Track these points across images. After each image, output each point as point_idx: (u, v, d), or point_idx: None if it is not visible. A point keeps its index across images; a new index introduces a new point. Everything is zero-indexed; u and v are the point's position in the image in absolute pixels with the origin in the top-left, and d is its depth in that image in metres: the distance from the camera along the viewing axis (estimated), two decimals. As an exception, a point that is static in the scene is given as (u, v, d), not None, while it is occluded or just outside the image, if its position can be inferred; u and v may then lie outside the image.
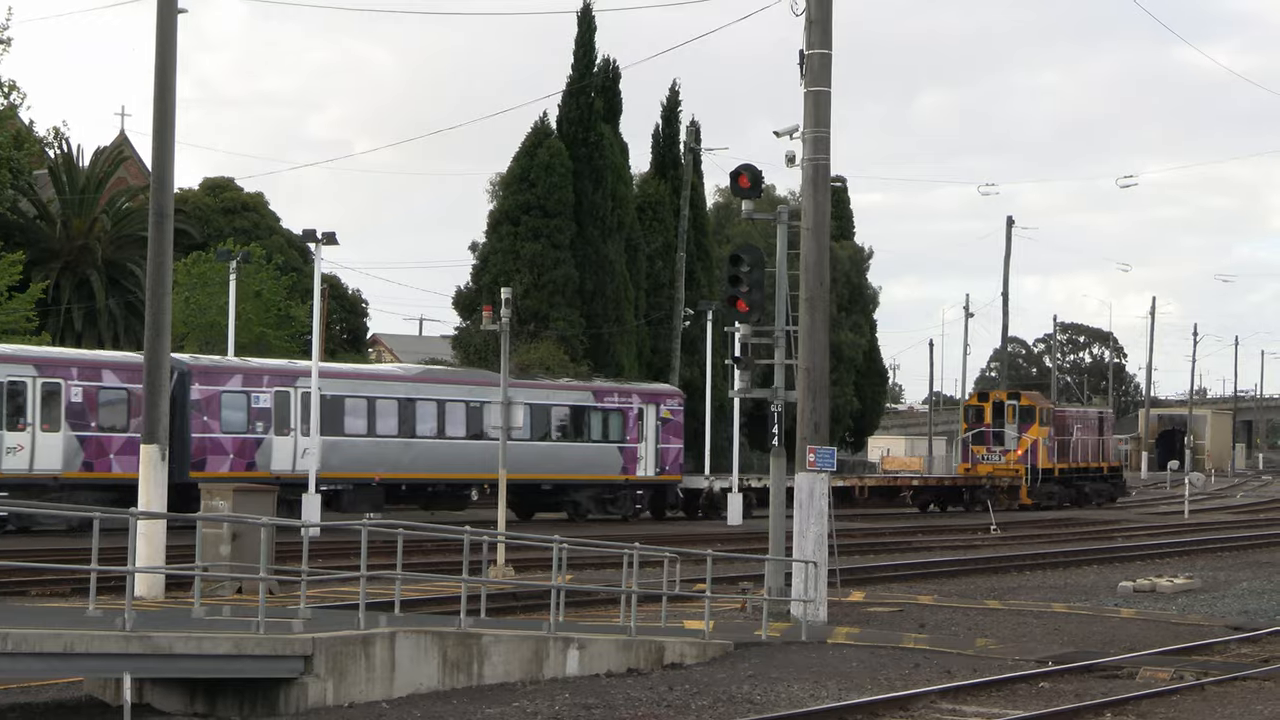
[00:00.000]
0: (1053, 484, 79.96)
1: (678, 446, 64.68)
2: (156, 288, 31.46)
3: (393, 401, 56.10)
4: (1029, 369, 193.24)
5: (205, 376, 52.06)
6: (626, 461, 62.55)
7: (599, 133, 79.65)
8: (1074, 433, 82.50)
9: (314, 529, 30.05)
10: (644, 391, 65.02)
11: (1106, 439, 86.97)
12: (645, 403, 63.52)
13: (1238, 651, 26.97)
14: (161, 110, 31.64)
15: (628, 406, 62.93)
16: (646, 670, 23.34)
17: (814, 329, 30.01)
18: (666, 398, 65.08)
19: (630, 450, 62.61)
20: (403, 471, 55.87)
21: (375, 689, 19.62)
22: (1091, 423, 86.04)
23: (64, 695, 19.84)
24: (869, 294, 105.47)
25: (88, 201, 79.05)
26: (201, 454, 51.47)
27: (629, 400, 63.17)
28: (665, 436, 63.78)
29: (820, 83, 29.92)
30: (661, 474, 63.68)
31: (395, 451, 55.25)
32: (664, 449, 63.74)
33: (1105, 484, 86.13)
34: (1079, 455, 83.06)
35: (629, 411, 62.87)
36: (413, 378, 58.74)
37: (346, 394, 55.12)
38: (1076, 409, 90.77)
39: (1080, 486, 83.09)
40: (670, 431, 64.06)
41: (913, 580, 39.81)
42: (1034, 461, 78.31)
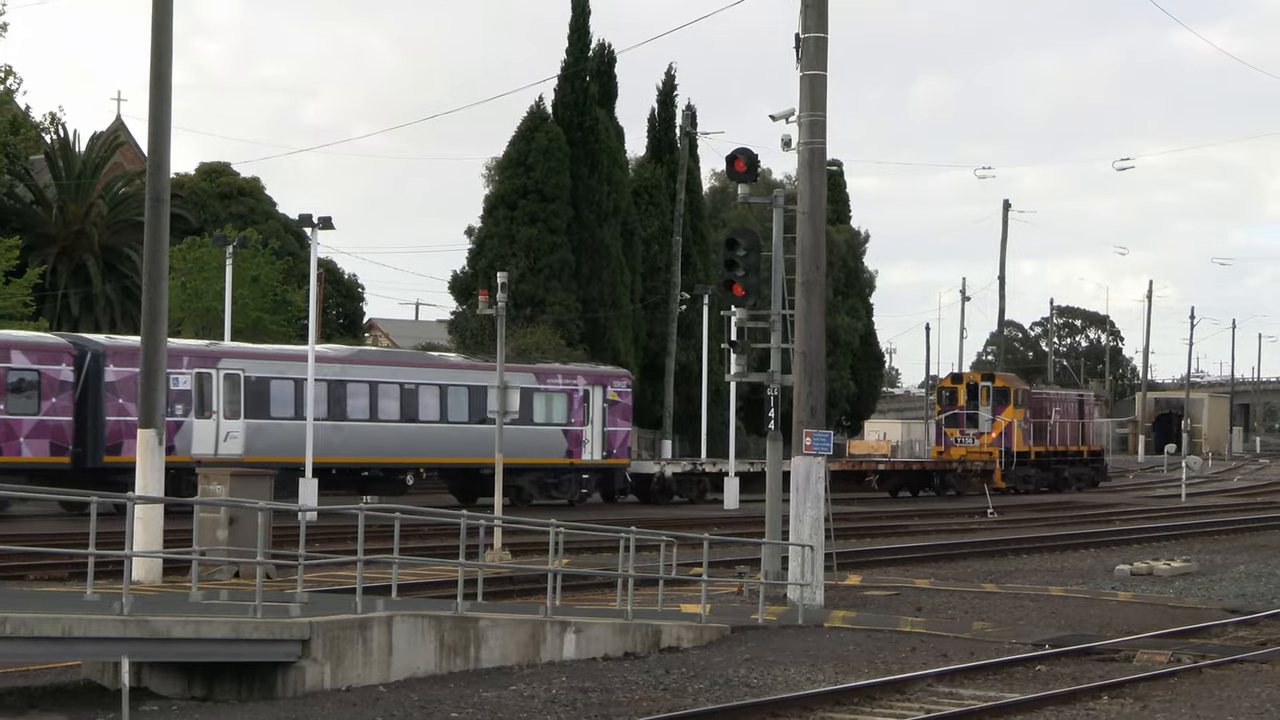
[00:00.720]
0: (1029, 467, 78.54)
1: (626, 429, 63.24)
2: (153, 272, 31.44)
3: (322, 383, 53.98)
4: (1025, 353, 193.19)
5: (120, 357, 49.81)
6: (571, 445, 60.93)
7: (594, 117, 79.65)
8: (1052, 415, 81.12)
9: (311, 514, 30.06)
10: (590, 373, 63.39)
11: (1088, 422, 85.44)
12: (591, 384, 61.98)
13: (1235, 634, 27.00)
14: (158, 95, 31.59)
15: (572, 388, 61.31)
16: (643, 654, 23.37)
17: (810, 313, 30.01)
18: (614, 379, 63.45)
19: (575, 433, 61.02)
20: (333, 456, 53.81)
21: (373, 672, 19.64)
22: (1071, 406, 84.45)
23: (62, 679, 19.85)
24: (865, 278, 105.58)
25: (84, 186, 79.01)
26: (117, 438, 49.24)
27: (574, 382, 61.55)
28: (612, 419, 62.22)
29: (816, 66, 29.90)
30: (609, 457, 62.06)
31: (324, 435, 53.03)
32: (611, 432, 62.17)
33: (1086, 468, 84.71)
34: (1058, 438, 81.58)
35: (574, 394, 61.24)
36: (344, 359, 57.04)
37: (273, 375, 53.66)
38: (1056, 391, 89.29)
39: (1059, 470, 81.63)
40: (618, 414, 62.59)
41: (909, 564, 39.85)
42: (1008, 444, 76.88)
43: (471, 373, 58.70)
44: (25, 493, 24.82)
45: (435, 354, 61.81)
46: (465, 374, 58.77)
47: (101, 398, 49.79)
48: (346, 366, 55.96)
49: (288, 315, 73.44)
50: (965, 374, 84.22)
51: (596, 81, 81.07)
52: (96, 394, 49.68)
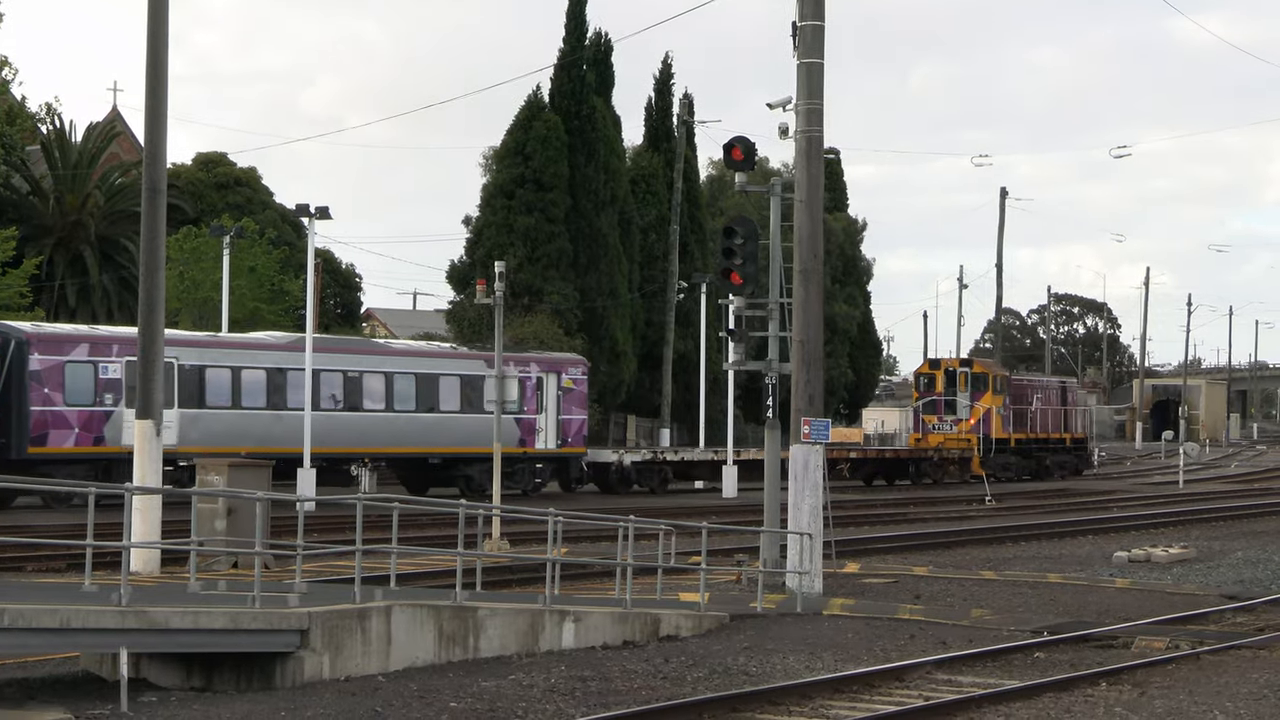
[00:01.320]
0: (1008, 455, 77.33)
1: (581, 417, 61.71)
2: (150, 263, 31.43)
3: (260, 371, 52.97)
4: (1023, 340, 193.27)
5: (45, 345, 49.02)
6: (524, 433, 59.27)
7: (591, 106, 79.63)
8: (1033, 402, 79.82)
9: (309, 504, 30.07)
10: (543, 360, 61.80)
11: (1071, 409, 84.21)
12: (545, 371, 60.47)
13: (1233, 621, 27.02)
14: (154, 85, 31.57)
15: (525, 375, 59.57)
16: (642, 642, 23.37)
17: (808, 301, 30.00)
18: (569, 366, 61.93)
19: (528, 422, 59.46)
20: (273, 446, 51.04)
21: (372, 662, 19.64)
22: (1053, 392, 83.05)
23: (61, 671, 19.85)
24: (863, 266, 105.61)
25: (80, 177, 78.95)
26: (42, 428, 48.51)
27: (526, 369, 59.82)
28: (567, 407, 60.61)
29: (813, 54, 29.87)
30: (563, 446, 60.51)
31: (264, 425, 51.98)
32: (566, 420, 60.57)
33: (1069, 456, 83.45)
34: (1039, 425, 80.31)
35: (526, 381, 59.52)
36: (284, 346, 54.67)
37: (209, 364, 52.13)
38: (1037, 378, 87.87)
39: (1040, 458, 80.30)
40: (573, 401, 61.01)
41: (908, 551, 39.85)
42: (986, 431, 75.50)
43: (419, 360, 57.51)
44: (22, 484, 24.82)
45: (380, 341, 60.16)
46: (412, 361, 57.36)
47: (25, 387, 48.53)
48: (287, 354, 53.84)
49: (285, 305, 73.43)
50: (943, 360, 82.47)
51: (594, 70, 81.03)
52: (19, 384, 48.49)
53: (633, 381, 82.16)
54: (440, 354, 59.16)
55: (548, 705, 18.27)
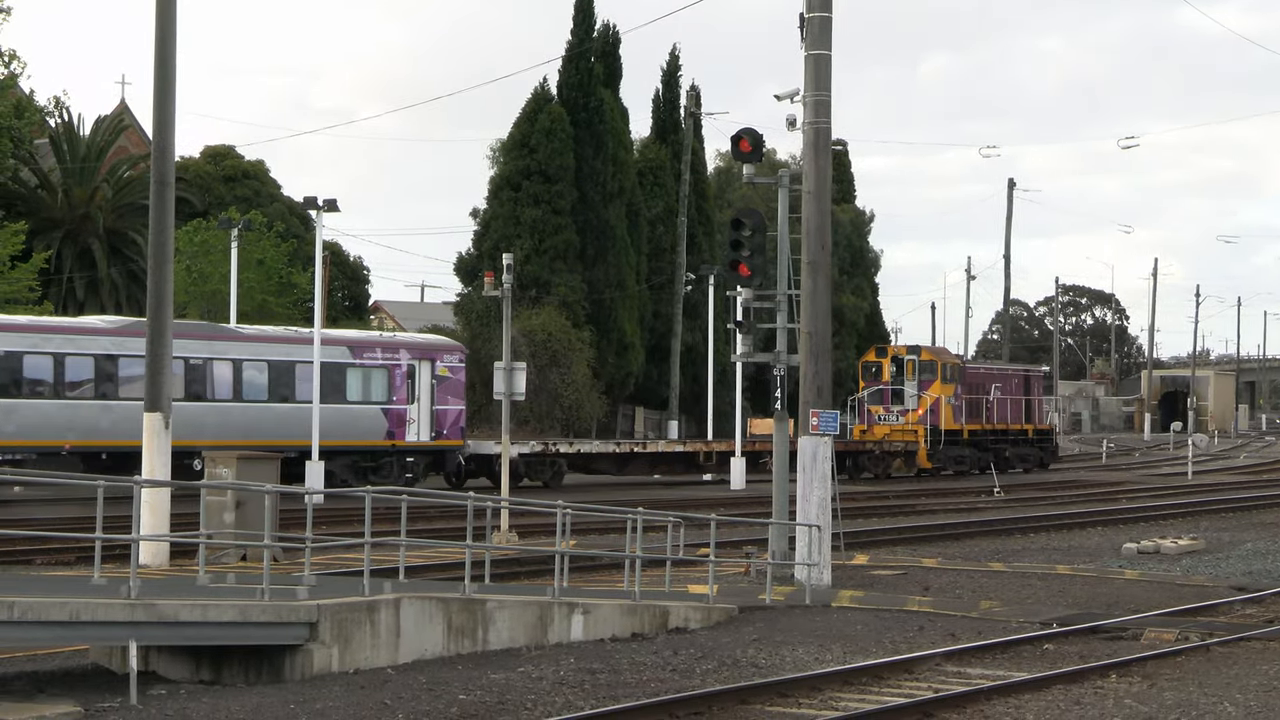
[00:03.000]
0: (960, 447, 73.12)
1: (458, 408, 57.72)
2: (158, 256, 31.43)
3: (88, 358, 49.44)
4: (1031, 331, 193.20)
5: None
6: (392, 425, 55.64)
7: (599, 98, 79.63)
8: (991, 392, 75.44)
9: (317, 496, 30.06)
10: (415, 345, 58.11)
11: (1035, 399, 79.71)
12: (417, 359, 56.77)
13: (1242, 612, 27.00)
14: (162, 78, 31.55)
15: (394, 363, 55.97)
16: (651, 635, 23.37)
17: (816, 293, 29.98)
18: (444, 353, 58.21)
19: (397, 412, 55.89)
20: (102, 439, 48.77)
21: (380, 655, 19.64)
22: (1015, 382, 78.70)
23: (70, 664, 19.87)
24: (870, 257, 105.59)
25: (89, 170, 79.08)
26: None
27: (395, 356, 56.18)
28: (442, 396, 56.96)
29: (821, 46, 29.85)
30: (438, 438, 56.79)
31: (91, 415, 48.69)
32: (441, 411, 56.87)
33: (1031, 448, 79.13)
34: (997, 416, 76.02)
35: (395, 369, 55.94)
36: (115, 331, 50.98)
37: (26, 350, 48.63)
38: (996, 366, 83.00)
39: (998, 450, 74.83)
40: (448, 391, 57.28)
41: (916, 543, 39.84)
42: (935, 422, 71.12)
43: (272, 346, 53.88)
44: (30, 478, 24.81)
45: (229, 326, 56.36)
46: (264, 347, 53.56)
47: None
48: (118, 339, 50.17)
49: (293, 298, 73.51)
50: (890, 347, 77.84)
51: (601, 62, 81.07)
52: None
53: (640, 373, 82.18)
54: (297, 339, 55.01)
55: (557, 697, 18.27)
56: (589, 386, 76.87)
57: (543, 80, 79.86)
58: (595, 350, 77.66)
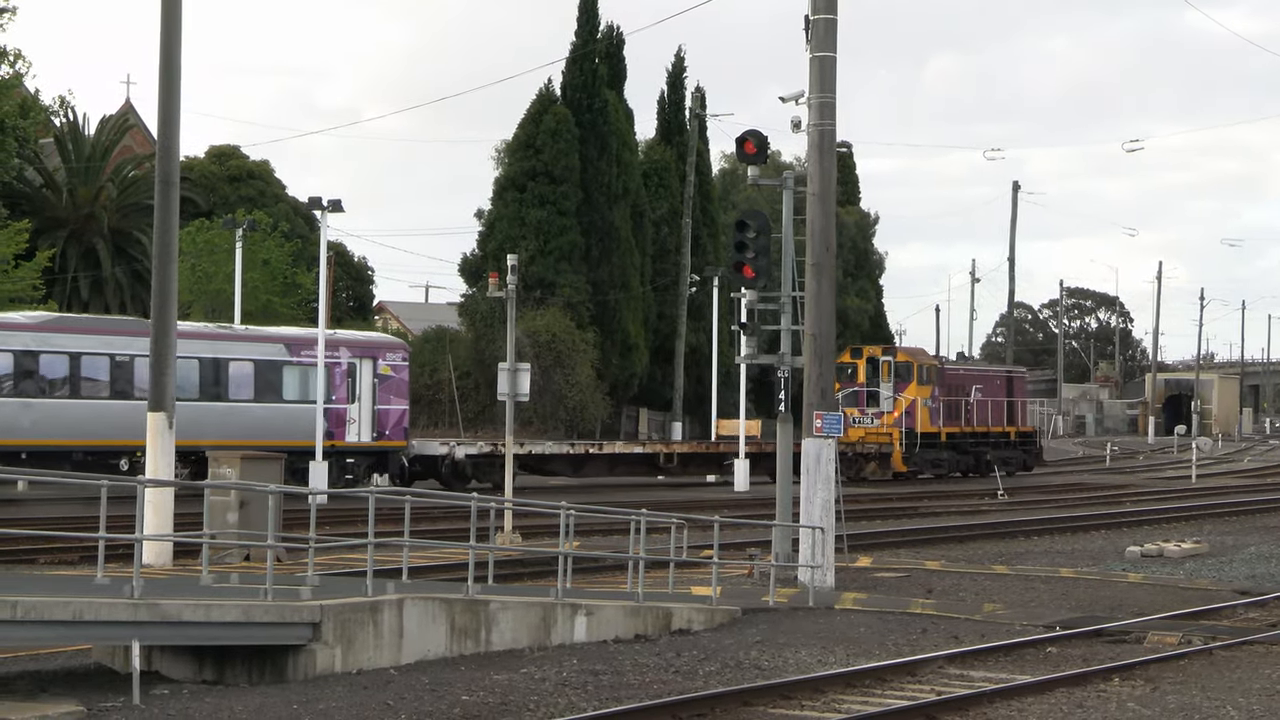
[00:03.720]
0: (938, 450, 71.23)
1: (401, 407, 55.79)
2: (163, 255, 31.44)
3: (7, 355, 47.80)
4: (1035, 334, 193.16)
5: None
6: (331, 425, 52.88)
7: (604, 99, 79.68)
8: (971, 393, 73.36)
9: (321, 497, 30.12)
10: (356, 343, 56.01)
11: (1018, 401, 77.72)
12: (358, 357, 54.70)
13: (1245, 616, 26.99)
14: (167, 78, 31.56)
15: (333, 361, 53.35)
16: (654, 636, 23.36)
17: (820, 294, 29.98)
18: (386, 351, 56.19)
19: (337, 412, 53.62)
20: (22, 438, 47.02)
21: (384, 656, 19.64)
22: (997, 383, 76.56)
23: (73, 663, 19.87)
24: (875, 259, 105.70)
25: (93, 170, 79.15)
26: None
27: (334, 354, 53.62)
28: (384, 396, 55.00)
29: (826, 48, 29.84)
30: (380, 439, 54.74)
31: (10, 414, 47.02)
32: (383, 410, 54.88)
33: (1014, 451, 76.71)
34: (977, 418, 73.84)
35: (335, 367, 53.59)
36: (36, 326, 49.43)
37: None
38: (977, 368, 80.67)
39: (979, 453, 73.45)
40: (391, 390, 55.29)
41: (920, 545, 39.82)
42: (910, 424, 69.12)
43: (203, 343, 51.48)
44: (35, 476, 24.81)
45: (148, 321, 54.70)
46: (194, 344, 50.39)
47: None
48: (40, 335, 48.74)
49: (298, 298, 73.59)
50: (865, 348, 75.34)
51: (606, 63, 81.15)
52: None
53: (645, 375, 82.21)
54: (230, 336, 53.29)
55: (560, 699, 18.27)
56: (593, 388, 76.90)
57: (547, 81, 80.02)
58: (599, 351, 77.69)
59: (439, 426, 77.89)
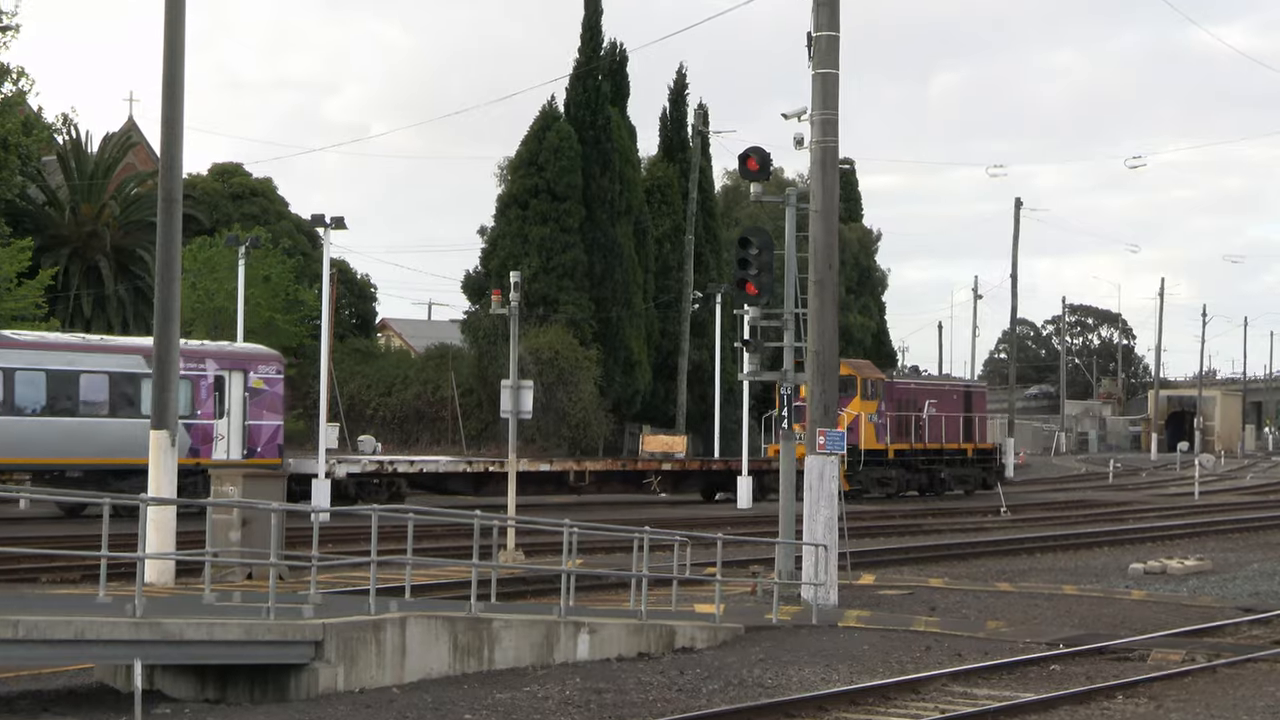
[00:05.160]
0: (885, 468, 67.63)
1: (275, 423, 52.56)
2: (166, 273, 31.43)
3: None
4: (1038, 350, 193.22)
5: None
6: (197, 442, 49.95)
7: (607, 116, 79.69)
8: (923, 408, 69.78)
9: (324, 515, 30.02)
10: (224, 354, 52.48)
11: (975, 417, 74.19)
12: (226, 369, 51.41)
13: (1249, 633, 26.96)
14: (170, 95, 31.57)
15: (198, 373, 50.15)
16: (657, 654, 23.33)
17: (823, 311, 29.98)
18: (258, 363, 52.62)
19: (203, 428, 50.44)
20: None
21: (386, 674, 19.61)
22: (953, 398, 73.22)
23: (75, 683, 19.85)
24: (877, 276, 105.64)
25: (96, 187, 79.20)
26: None
27: (200, 366, 50.24)
28: (256, 411, 51.81)
29: (828, 65, 29.85)
30: (251, 457, 51.03)
31: None
32: (255, 426, 51.68)
33: (972, 469, 73.42)
34: (930, 435, 70.31)
35: (201, 380, 50.21)
36: None
37: None
38: (930, 382, 76.70)
39: (932, 471, 70.54)
40: (264, 405, 52.10)
41: (923, 563, 39.80)
42: (854, 440, 61.58)
43: (52, 354, 48.81)
44: (35, 494, 24.86)
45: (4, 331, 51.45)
46: (42, 355, 48.36)
47: None
48: None
49: (300, 315, 73.56)
50: None
51: (609, 80, 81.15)
52: None
53: (648, 392, 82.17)
54: (83, 347, 50.36)
55: (563, 717, 18.25)
56: (595, 405, 76.87)
57: (551, 98, 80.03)
58: (602, 368, 77.67)
59: (441, 444, 77.91)
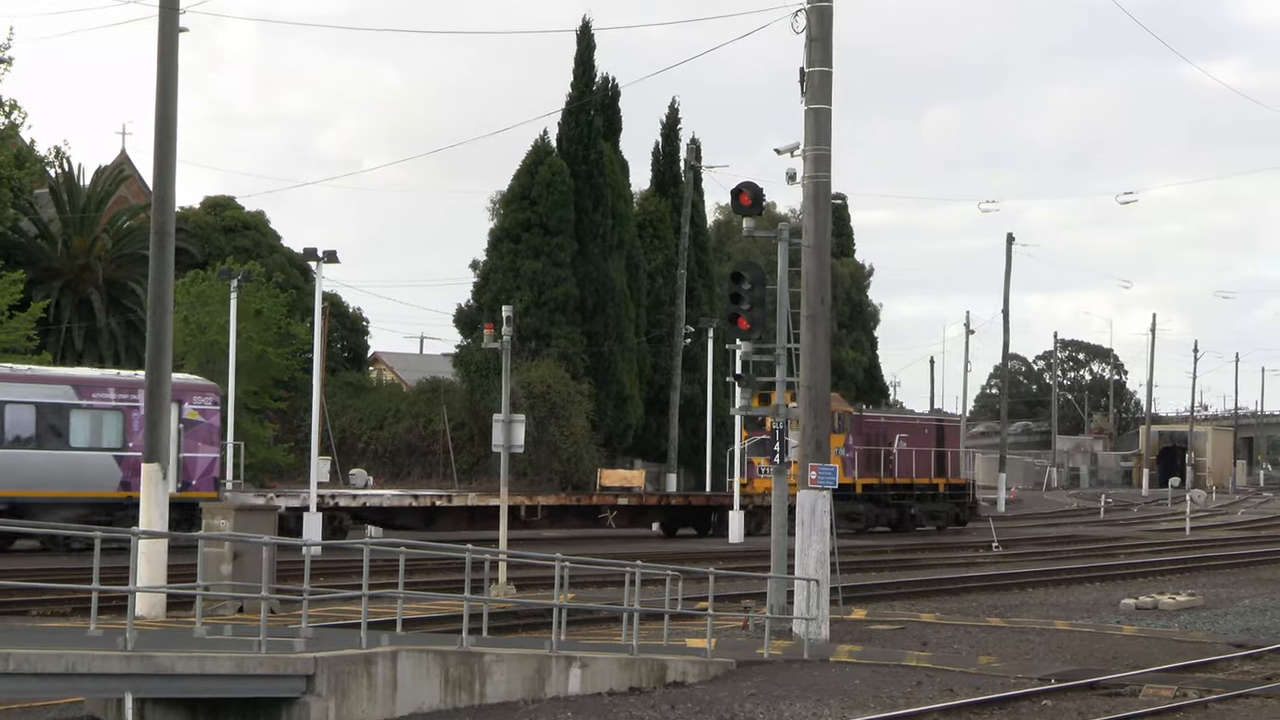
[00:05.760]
0: (853, 502, 65.27)
1: (211, 456, 50.67)
2: (158, 306, 31.45)
3: None
4: (1029, 386, 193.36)
5: None
6: (127, 474, 46.99)
7: (599, 150, 79.82)
8: (894, 443, 68.11)
9: (315, 548, 30.05)
10: None
11: (949, 451, 72.50)
12: None
13: (1240, 669, 26.94)
14: (163, 128, 31.63)
15: (130, 404, 48.02)
16: (649, 689, 23.30)
17: (815, 346, 30.02)
18: (193, 394, 50.48)
19: (134, 460, 45.33)
20: None
21: (377, 708, 19.58)
22: (925, 432, 71.58)
23: (66, 716, 19.80)
24: (869, 311, 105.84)
25: (89, 220, 79.19)
26: None
27: (132, 397, 47.61)
28: (191, 443, 49.78)
29: (821, 100, 29.93)
30: (186, 490, 48.73)
31: None
32: (190, 459, 49.66)
33: (945, 504, 71.77)
34: (898, 469, 68.42)
35: (133, 411, 47.53)
36: None
37: None
38: (901, 415, 76.17)
39: (902, 507, 68.89)
40: (198, 437, 50.15)
41: (915, 598, 39.77)
42: None
43: None
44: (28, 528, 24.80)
45: None
46: None
47: None
48: None
49: (292, 348, 73.52)
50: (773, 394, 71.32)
51: (601, 115, 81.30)
52: None
53: (639, 426, 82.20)
54: (7, 376, 48.42)
55: (554, 752, 18.21)
56: (588, 439, 76.88)
57: (543, 133, 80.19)
58: (594, 402, 77.70)
59: (433, 478, 77.84)
